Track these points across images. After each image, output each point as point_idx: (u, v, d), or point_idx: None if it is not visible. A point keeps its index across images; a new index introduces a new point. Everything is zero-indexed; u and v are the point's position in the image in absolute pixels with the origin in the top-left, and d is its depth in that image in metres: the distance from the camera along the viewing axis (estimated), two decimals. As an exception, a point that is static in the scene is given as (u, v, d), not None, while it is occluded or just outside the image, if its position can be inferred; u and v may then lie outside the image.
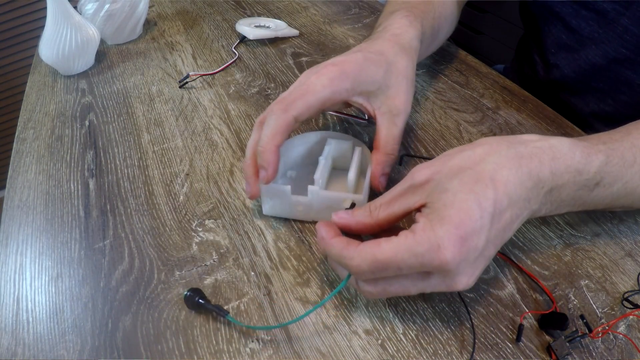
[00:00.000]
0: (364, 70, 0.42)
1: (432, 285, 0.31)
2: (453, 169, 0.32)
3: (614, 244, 0.40)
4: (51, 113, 0.63)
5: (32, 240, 0.45)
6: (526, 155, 0.32)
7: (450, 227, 0.29)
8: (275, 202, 0.43)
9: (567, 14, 0.57)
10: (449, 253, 0.29)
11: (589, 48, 0.56)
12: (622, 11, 0.51)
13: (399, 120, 0.43)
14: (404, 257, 0.29)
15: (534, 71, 0.68)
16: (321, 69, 0.42)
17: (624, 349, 0.33)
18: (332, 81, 0.41)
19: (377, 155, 0.43)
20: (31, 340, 0.37)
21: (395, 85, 0.44)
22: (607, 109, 0.58)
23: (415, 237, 0.30)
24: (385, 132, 0.43)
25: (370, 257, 0.30)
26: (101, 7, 0.74)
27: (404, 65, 0.45)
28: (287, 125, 0.40)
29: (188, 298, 0.37)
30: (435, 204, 0.30)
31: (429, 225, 0.30)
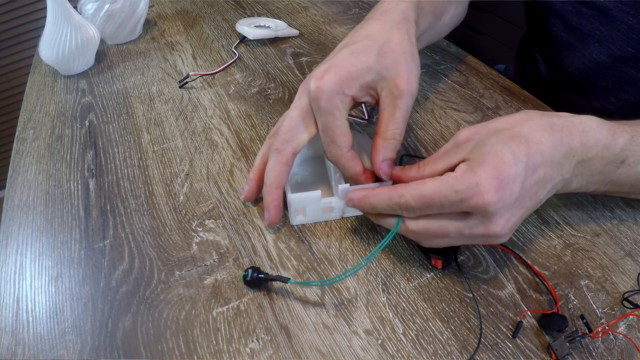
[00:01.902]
0: (353, 65, 0.40)
1: (470, 226, 0.34)
2: (491, 130, 0.35)
3: (614, 244, 0.40)
4: (51, 113, 0.63)
5: (32, 240, 0.46)
6: (558, 125, 0.35)
7: (487, 169, 0.32)
8: (306, 210, 0.43)
9: (567, 12, 0.57)
10: (486, 191, 0.31)
11: (591, 46, 0.56)
12: (626, 9, 0.51)
13: (401, 102, 0.40)
14: (447, 193, 0.32)
15: (536, 70, 0.68)
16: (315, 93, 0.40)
17: (624, 349, 0.33)
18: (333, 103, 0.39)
19: (376, 141, 0.41)
20: (31, 340, 0.37)
21: (393, 64, 0.41)
22: (610, 108, 0.58)
23: (456, 176, 0.33)
24: (386, 116, 0.41)
25: (417, 193, 0.34)
26: (101, 7, 0.74)
27: (399, 41, 0.42)
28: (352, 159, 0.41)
29: (249, 278, 0.38)
30: (474, 154, 0.34)
31: (469, 167, 0.33)
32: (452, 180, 0.33)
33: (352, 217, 0.44)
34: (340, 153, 0.40)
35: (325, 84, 0.39)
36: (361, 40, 0.42)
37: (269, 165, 0.42)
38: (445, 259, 0.38)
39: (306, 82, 0.43)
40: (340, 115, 0.40)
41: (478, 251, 0.40)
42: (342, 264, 0.40)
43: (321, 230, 0.43)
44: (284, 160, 0.41)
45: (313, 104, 0.40)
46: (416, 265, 0.40)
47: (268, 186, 0.42)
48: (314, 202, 0.42)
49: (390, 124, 0.40)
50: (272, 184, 0.41)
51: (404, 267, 0.40)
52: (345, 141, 0.40)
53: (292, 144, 0.41)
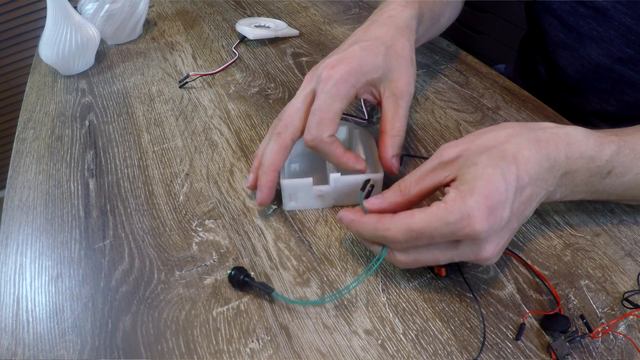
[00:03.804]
0: (364, 60, 0.43)
1: (461, 254, 0.33)
2: (480, 147, 0.34)
3: (614, 244, 0.40)
4: (51, 113, 0.63)
5: (32, 240, 0.45)
6: (544, 139, 0.35)
7: (479, 198, 0.31)
8: (297, 196, 0.44)
9: (565, 11, 0.57)
10: (478, 222, 0.31)
11: (589, 46, 0.56)
12: (623, 10, 0.51)
13: (403, 102, 0.44)
14: (437, 225, 0.31)
15: (536, 71, 0.68)
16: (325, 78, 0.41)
17: (624, 349, 0.33)
18: (339, 89, 0.41)
19: (384, 138, 0.43)
20: (31, 340, 0.37)
21: (397, 67, 0.44)
22: (609, 109, 0.58)
23: (447, 207, 0.31)
24: (391, 115, 0.43)
25: (404, 227, 0.32)
26: (101, 7, 0.74)
27: (402, 46, 0.45)
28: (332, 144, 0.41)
29: (233, 277, 0.38)
30: (464, 176, 0.33)
31: (459, 196, 0.32)
32: (442, 212, 0.31)
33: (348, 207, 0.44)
34: (321, 137, 0.40)
35: (336, 72, 0.41)
36: (370, 39, 0.44)
37: (268, 147, 0.43)
38: (449, 266, 0.38)
39: (315, 70, 0.44)
40: (339, 102, 0.41)
41: (478, 251, 0.40)
42: (342, 264, 0.40)
43: (321, 230, 0.43)
44: (283, 144, 0.42)
45: (318, 87, 0.41)
46: (416, 265, 0.40)
47: (265, 167, 0.42)
48: (306, 189, 0.43)
49: (395, 122, 0.43)
50: (269, 165, 0.42)
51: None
52: (332, 128, 0.41)
53: (292, 130, 0.42)
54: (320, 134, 0.40)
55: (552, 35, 0.60)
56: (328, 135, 0.41)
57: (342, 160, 0.42)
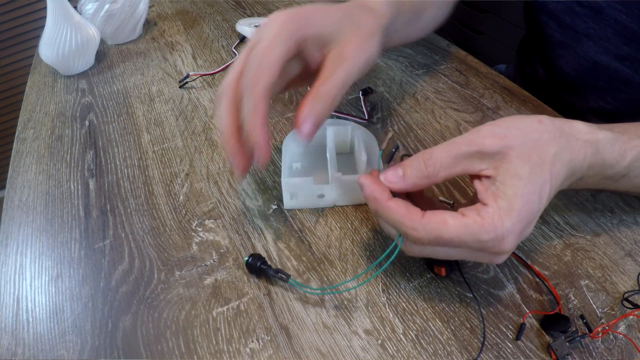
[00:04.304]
0: (314, 13, 0.39)
1: (476, 258, 0.34)
2: (523, 152, 0.32)
3: (614, 244, 0.40)
4: (51, 113, 0.63)
5: (32, 240, 0.45)
6: (575, 149, 0.34)
7: (515, 221, 0.31)
8: (298, 195, 0.44)
9: (561, 10, 0.57)
10: (509, 244, 0.31)
11: (586, 45, 0.56)
12: (619, 8, 0.51)
13: (342, 68, 0.38)
14: (468, 239, 0.31)
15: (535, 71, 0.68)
16: (266, 23, 0.38)
17: (624, 349, 0.33)
18: (280, 30, 0.37)
19: (307, 95, 0.37)
20: (31, 340, 0.37)
21: (350, 32, 0.39)
22: (606, 107, 0.58)
23: (484, 223, 0.30)
24: (323, 76, 0.37)
25: (435, 233, 0.31)
26: (101, 7, 0.74)
27: (364, 19, 0.41)
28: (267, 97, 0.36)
29: (250, 264, 0.38)
30: (505, 188, 0.31)
31: (497, 215, 0.30)
32: (477, 228, 0.30)
33: (348, 208, 0.44)
34: (255, 81, 0.35)
35: (279, 16, 0.37)
36: (335, 6, 0.41)
37: (246, 108, 0.36)
38: (449, 266, 0.38)
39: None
40: (282, 46, 0.36)
41: (478, 251, 0.40)
42: (342, 264, 0.40)
43: (321, 230, 0.43)
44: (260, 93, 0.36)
45: (261, 29, 0.37)
46: (416, 265, 0.40)
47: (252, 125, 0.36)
48: (307, 188, 0.43)
49: (325, 84, 0.37)
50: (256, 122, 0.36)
51: (404, 267, 0.40)
52: (269, 73, 0.35)
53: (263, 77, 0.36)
54: (261, 74, 0.35)
55: (549, 35, 0.60)
56: (266, 82, 0.35)
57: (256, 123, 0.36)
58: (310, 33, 0.38)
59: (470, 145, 0.33)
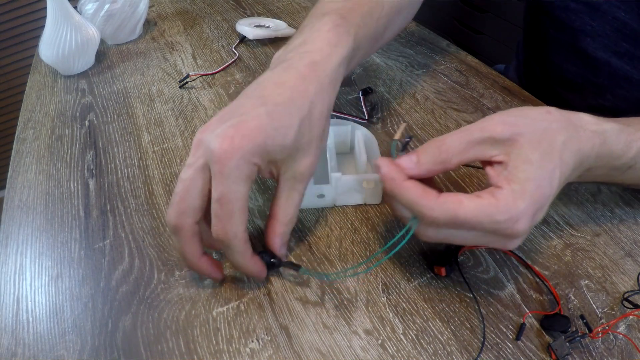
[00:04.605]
0: (270, 137, 0.35)
1: (490, 242, 0.34)
2: (533, 139, 0.33)
3: (614, 244, 0.40)
4: (51, 113, 0.63)
5: (32, 240, 0.45)
6: (584, 139, 0.34)
7: (529, 204, 0.31)
8: None
9: (555, 7, 0.57)
10: (522, 225, 0.31)
11: (583, 41, 0.56)
12: (616, 4, 0.51)
13: (300, 185, 0.38)
14: (483, 220, 0.31)
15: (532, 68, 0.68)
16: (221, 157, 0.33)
17: (624, 349, 0.33)
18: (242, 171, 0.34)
19: (274, 224, 0.38)
20: (31, 340, 0.37)
21: (306, 146, 0.37)
22: (605, 104, 0.58)
23: (498, 204, 0.31)
24: (285, 201, 0.38)
25: (451, 213, 0.31)
26: (101, 7, 0.74)
27: (319, 111, 0.38)
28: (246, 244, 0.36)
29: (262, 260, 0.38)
30: (517, 172, 0.32)
31: (512, 196, 0.31)
32: (492, 209, 0.31)
33: (348, 208, 0.44)
34: (236, 231, 0.34)
35: (236, 151, 0.33)
36: (284, 102, 0.36)
37: (179, 247, 0.36)
38: (449, 266, 0.38)
39: (205, 136, 0.35)
40: (245, 186, 0.34)
41: (478, 251, 0.40)
42: (342, 264, 0.40)
43: (321, 230, 0.43)
44: (190, 234, 0.35)
45: (214, 167, 0.34)
46: (416, 265, 0.40)
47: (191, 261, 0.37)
48: (307, 188, 0.42)
49: (289, 208, 0.38)
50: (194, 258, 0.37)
51: (404, 267, 0.40)
52: (244, 219, 0.35)
53: (191, 214, 0.35)
54: (233, 229, 0.34)
55: (543, 32, 0.60)
56: (243, 231, 0.35)
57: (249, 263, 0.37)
58: (266, 161, 0.36)
59: (482, 132, 0.33)
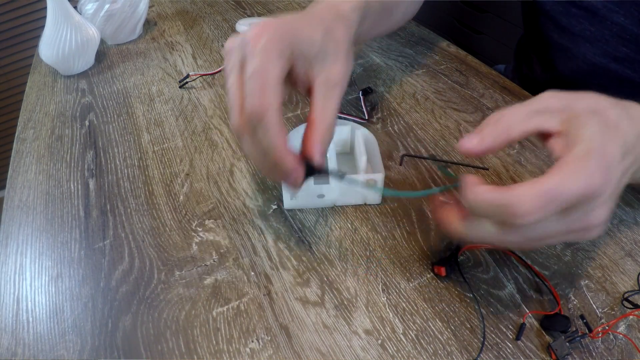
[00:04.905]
0: (299, 28, 0.36)
1: (570, 224, 0.30)
2: (586, 108, 0.32)
3: (614, 244, 0.40)
4: (51, 113, 0.63)
5: (32, 240, 0.45)
6: (636, 117, 0.33)
7: (598, 157, 0.29)
8: (298, 195, 0.44)
9: (557, 12, 0.57)
10: (598, 178, 0.29)
11: (583, 46, 0.56)
12: (615, 9, 0.51)
13: (335, 92, 0.37)
14: (567, 187, 0.28)
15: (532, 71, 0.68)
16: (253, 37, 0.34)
17: (624, 349, 0.33)
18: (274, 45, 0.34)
19: (314, 133, 0.36)
20: (31, 340, 0.37)
21: (334, 53, 0.38)
22: None
23: (575, 167, 0.29)
24: (322, 107, 0.37)
25: (539, 191, 0.28)
26: (101, 7, 0.74)
27: (342, 34, 0.39)
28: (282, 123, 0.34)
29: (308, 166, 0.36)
30: (578, 135, 0.30)
31: (581, 157, 0.29)
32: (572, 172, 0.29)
33: (348, 208, 0.44)
34: (271, 102, 0.33)
35: (267, 30, 0.34)
36: (309, 15, 0.39)
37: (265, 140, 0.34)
38: (449, 266, 0.38)
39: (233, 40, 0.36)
40: (278, 64, 0.34)
41: (478, 251, 0.40)
42: (342, 264, 0.40)
43: (321, 230, 0.43)
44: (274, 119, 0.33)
45: (246, 50, 0.34)
46: (416, 265, 0.40)
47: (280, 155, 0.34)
48: (307, 188, 0.43)
49: (328, 112, 0.37)
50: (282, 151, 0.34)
51: (404, 267, 0.40)
52: (279, 94, 0.33)
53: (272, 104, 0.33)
54: (267, 100, 0.33)
55: (546, 36, 0.60)
56: (279, 105, 0.33)
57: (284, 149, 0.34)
58: (297, 52, 0.36)
59: (537, 104, 0.33)
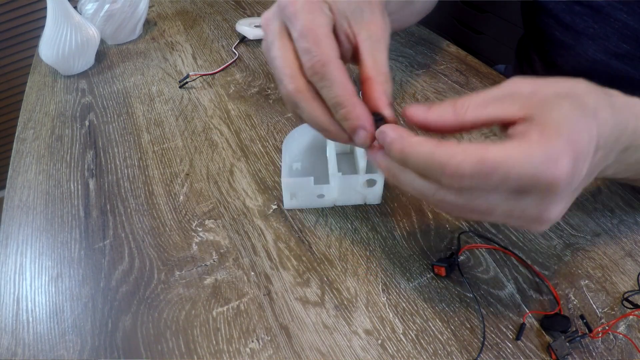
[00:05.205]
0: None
1: (522, 208, 0.28)
2: (559, 92, 0.29)
3: (614, 244, 0.40)
4: (51, 113, 0.63)
5: (32, 240, 0.45)
6: (618, 106, 0.31)
7: (566, 143, 0.26)
8: (298, 194, 0.44)
9: (561, 10, 0.57)
10: (562, 168, 0.26)
11: (585, 44, 0.56)
12: (619, 6, 0.51)
13: (380, 45, 0.35)
14: (516, 164, 0.26)
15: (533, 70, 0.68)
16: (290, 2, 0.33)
17: (624, 349, 0.33)
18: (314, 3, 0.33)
19: (373, 86, 0.34)
20: (31, 340, 0.37)
21: (370, 11, 0.36)
22: None
23: (530, 145, 0.26)
24: (372, 58, 0.35)
25: (476, 157, 0.26)
26: (101, 7, 0.74)
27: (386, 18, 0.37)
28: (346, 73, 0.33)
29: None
30: (545, 118, 0.27)
31: (545, 136, 0.26)
32: (525, 150, 0.26)
33: (348, 208, 0.44)
34: (329, 54, 0.32)
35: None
36: None
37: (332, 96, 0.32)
38: (449, 266, 0.38)
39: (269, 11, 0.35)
40: (323, 18, 0.33)
41: (478, 251, 0.40)
42: (342, 264, 0.40)
43: (321, 230, 0.43)
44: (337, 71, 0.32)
45: (287, 12, 0.33)
46: (416, 265, 0.40)
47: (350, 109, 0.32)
48: (307, 188, 0.43)
49: (379, 66, 0.35)
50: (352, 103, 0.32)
51: (404, 267, 0.40)
52: (334, 45, 0.32)
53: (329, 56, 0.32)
54: (326, 52, 0.31)
55: (549, 34, 0.60)
56: (337, 55, 0.32)
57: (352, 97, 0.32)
58: (335, 9, 0.35)
59: (500, 89, 0.30)
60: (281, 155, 0.48)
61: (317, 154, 0.48)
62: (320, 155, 0.48)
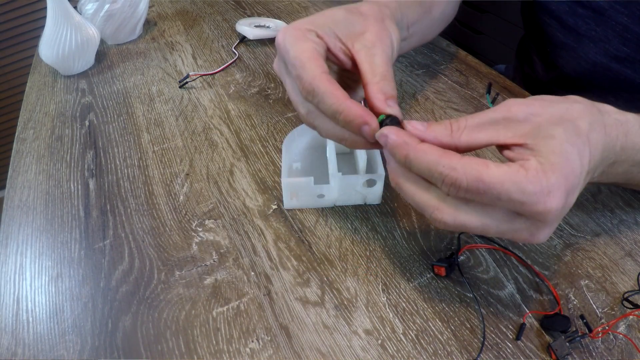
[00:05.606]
0: (320, 14, 0.38)
1: (514, 230, 0.30)
2: (554, 117, 0.30)
3: (614, 244, 0.40)
4: (51, 113, 0.63)
5: (32, 240, 0.45)
6: (609, 125, 0.32)
7: (560, 177, 0.28)
8: (298, 195, 0.44)
9: (563, 12, 0.57)
10: (554, 202, 0.28)
11: (587, 46, 0.56)
12: (620, 9, 0.51)
13: (376, 50, 0.37)
14: (511, 188, 0.27)
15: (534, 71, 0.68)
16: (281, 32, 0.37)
17: (624, 349, 0.33)
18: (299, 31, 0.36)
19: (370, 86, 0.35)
20: (31, 340, 0.37)
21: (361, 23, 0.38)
22: None
23: (527, 174, 0.28)
24: (366, 61, 0.36)
25: (475, 174, 0.28)
26: (101, 7, 0.74)
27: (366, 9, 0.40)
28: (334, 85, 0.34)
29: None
30: (540, 147, 0.29)
31: (541, 168, 0.28)
32: (521, 177, 0.28)
33: (348, 208, 0.44)
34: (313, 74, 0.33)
35: (290, 26, 0.37)
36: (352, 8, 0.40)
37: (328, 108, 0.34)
38: (449, 266, 0.38)
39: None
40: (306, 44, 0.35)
41: (478, 251, 0.40)
42: (342, 264, 0.40)
43: (321, 230, 0.43)
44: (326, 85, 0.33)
45: (280, 52, 0.37)
46: (416, 265, 0.40)
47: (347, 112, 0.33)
48: (307, 188, 0.43)
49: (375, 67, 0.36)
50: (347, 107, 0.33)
51: (404, 267, 0.40)
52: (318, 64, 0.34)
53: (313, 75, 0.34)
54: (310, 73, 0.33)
55: (551, 36, 0.60)
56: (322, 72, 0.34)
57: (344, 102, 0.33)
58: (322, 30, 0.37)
59: (495, 112, 0.31)
60: (281, 155, 0.48)
61: (317, 154, 0.48)
62: (320, 155, 0.48)
